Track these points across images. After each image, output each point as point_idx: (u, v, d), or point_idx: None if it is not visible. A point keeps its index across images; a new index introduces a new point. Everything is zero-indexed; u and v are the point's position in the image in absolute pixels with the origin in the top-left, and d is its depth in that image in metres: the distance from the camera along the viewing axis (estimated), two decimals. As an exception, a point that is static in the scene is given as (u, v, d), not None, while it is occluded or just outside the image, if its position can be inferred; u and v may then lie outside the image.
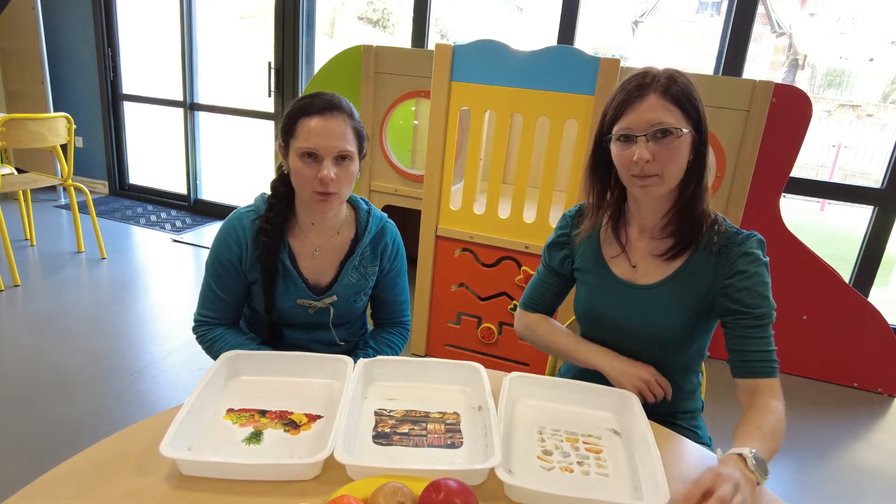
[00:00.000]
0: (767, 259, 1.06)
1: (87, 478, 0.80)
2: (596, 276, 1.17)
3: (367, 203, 1.33)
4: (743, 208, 2.21)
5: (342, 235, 1.28)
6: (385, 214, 1.34)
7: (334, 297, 1.27)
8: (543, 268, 1.29)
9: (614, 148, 1.04)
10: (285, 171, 1.20)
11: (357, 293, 1.30)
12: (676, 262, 1.10)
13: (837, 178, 7.79)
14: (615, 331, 1.16)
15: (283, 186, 1.22)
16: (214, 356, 1.24)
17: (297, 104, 1.15)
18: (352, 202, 1.31)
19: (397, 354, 1.39)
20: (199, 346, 1.29)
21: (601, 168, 1.11)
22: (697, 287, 1.08)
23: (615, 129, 1.02)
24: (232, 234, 1.22)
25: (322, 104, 1.13)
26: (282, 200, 1.22)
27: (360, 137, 1.18)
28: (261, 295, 1.24)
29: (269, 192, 1.25)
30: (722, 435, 1.10)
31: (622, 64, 2.02)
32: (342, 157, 1.14)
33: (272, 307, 1.25)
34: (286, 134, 1.16)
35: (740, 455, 0.84)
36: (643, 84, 1.00)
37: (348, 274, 1.27)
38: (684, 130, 0.99)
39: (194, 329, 1.29)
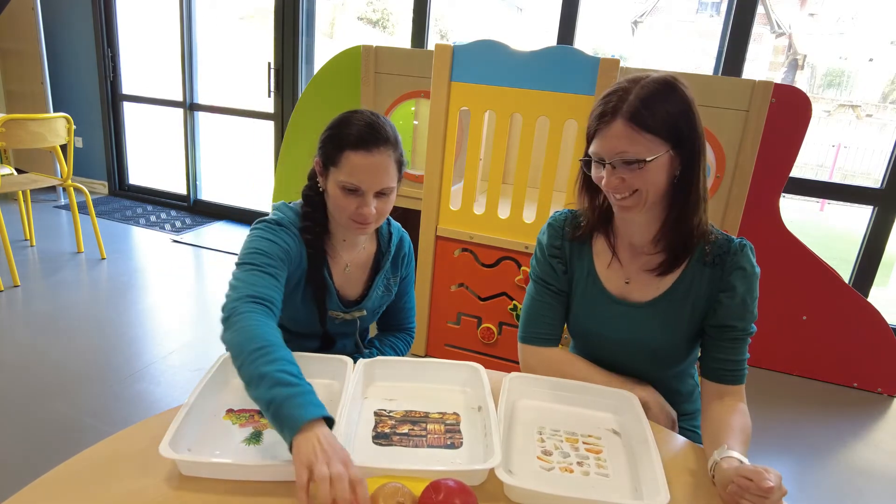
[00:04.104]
0: (759, 270, 1.05)
1: (87, 478, 0.80)
2: (588, 291, 1.14)
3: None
4: (743, 208, 2.21)
5: (367, 250, 1.27)
6: (398, 224, 1.33)
7: (363, 312, 1.26)
8: (540, 287, 1.18)
9: (592, 167, 1.02)
10: (321, 189, 1.16)
11: (381, 305, 1.31)
12: (670, 278, 1.08)
13: (837, 178, 7.79)
14: (608, 346, 1.16)
15: (317, 196, 1.17)
16: (242, 355, 0.89)
17: (343, 130, 1.09)
18: None
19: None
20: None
21: (589, 179, 1.07)
22: (694, 303, 1.07)
23: (590, 151, 1.01)
24: (287, 234, 1.12)
25: (369, 136, 1.07)
26: (318, 210, 1.18)
27: (400, 167, 1.15)
28: (294, 307, 1.19)
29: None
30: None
31: (622, 64, 2.02)
32: (383, 193, 1.11)
33: (325, 317, 1.22)
34: (327, 158, 1.11)
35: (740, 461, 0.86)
36: (615, 108, 0.96)
37: (377, 288, 1.27)
38: (649, 159, 0.95)
39: (228, 316, 0.95)
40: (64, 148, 3.22)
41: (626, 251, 1.12)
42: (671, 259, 1.06)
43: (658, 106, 0.95)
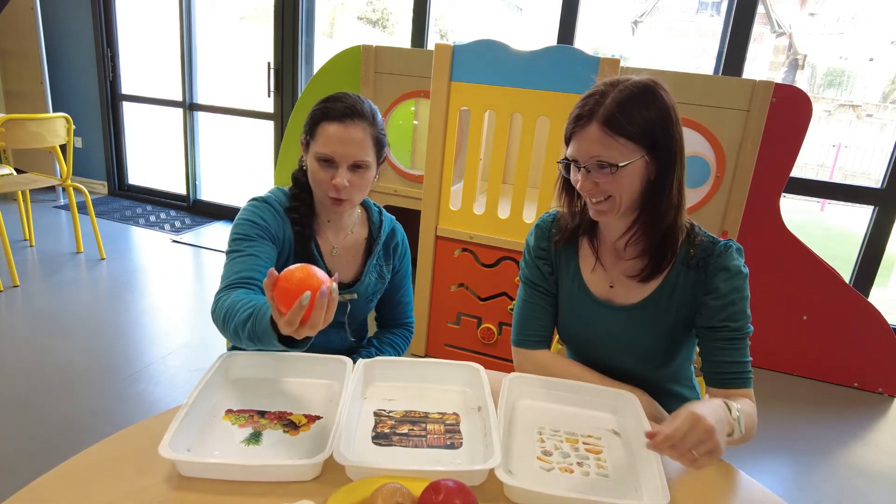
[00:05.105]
0: (747, 270, 1.04)
1: (87, 479, 0.80)
2: (574, 294, 1.15)
3: (376, 205, 1.34)
4: (743, 208, 2.21)
5: (355, 235, 1.29)
6: (393, 216, 1.35)
7: (354, 296, 1.27)
8: (530, 289, 1.18)
9: (570, 170, 1.03)
10: (304, 168, 1.21)
11: (374, 293, 1.32)
12: (654, 282, 1.08)
13: (837, 178, 7.79)
14: (596, 349, 1.16)
15: (304, 177, 1.21)
16: (224, 324, 1.01)
17: (321, 105, 1.15)
18: (363, 203, 1.32)
19: (400, 355, 1.39)
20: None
21: (568, 181, 1.07)
22: (679, 306, 1.07)
23: (566, 154, 1.02)
24: (268, 210, 1.17)
25: (343, 109, 1.13)
26: (305, 191, 1.22)
27: (379, 145, 1.18)
28: None
29: (290, 184, 1.24)
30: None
31: (622, 64, 2.02)
32: (357, 166, 1.14)
33: None
34: (308, 134, 1.17)
35: (725, 403, 0.87)
36: (591, 112, 0.96)
37: (369, 274, 1.28)
38: (622, 164, 0.95)
39: (213, 310, 1.06)
40: (63, 148, 3.22)
41: (608, 256, 1.12)
42: (652, 266, 1.05)
43: (634, 111, 0.95)
